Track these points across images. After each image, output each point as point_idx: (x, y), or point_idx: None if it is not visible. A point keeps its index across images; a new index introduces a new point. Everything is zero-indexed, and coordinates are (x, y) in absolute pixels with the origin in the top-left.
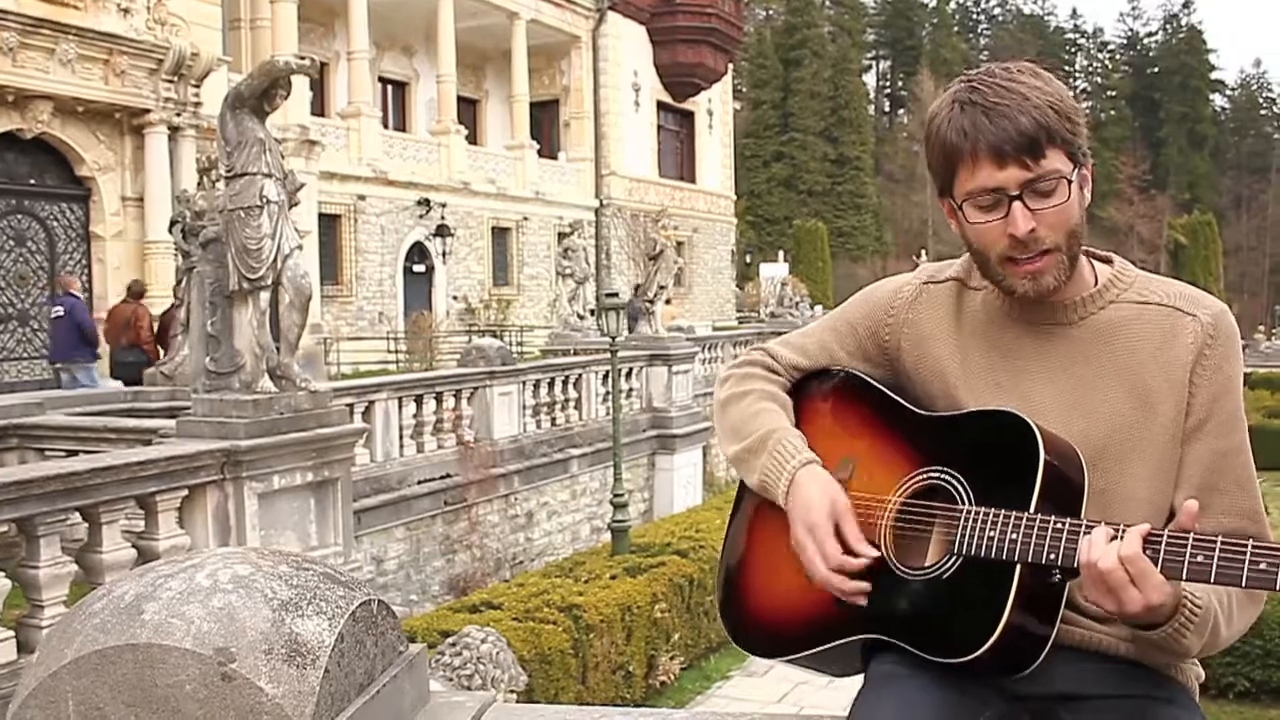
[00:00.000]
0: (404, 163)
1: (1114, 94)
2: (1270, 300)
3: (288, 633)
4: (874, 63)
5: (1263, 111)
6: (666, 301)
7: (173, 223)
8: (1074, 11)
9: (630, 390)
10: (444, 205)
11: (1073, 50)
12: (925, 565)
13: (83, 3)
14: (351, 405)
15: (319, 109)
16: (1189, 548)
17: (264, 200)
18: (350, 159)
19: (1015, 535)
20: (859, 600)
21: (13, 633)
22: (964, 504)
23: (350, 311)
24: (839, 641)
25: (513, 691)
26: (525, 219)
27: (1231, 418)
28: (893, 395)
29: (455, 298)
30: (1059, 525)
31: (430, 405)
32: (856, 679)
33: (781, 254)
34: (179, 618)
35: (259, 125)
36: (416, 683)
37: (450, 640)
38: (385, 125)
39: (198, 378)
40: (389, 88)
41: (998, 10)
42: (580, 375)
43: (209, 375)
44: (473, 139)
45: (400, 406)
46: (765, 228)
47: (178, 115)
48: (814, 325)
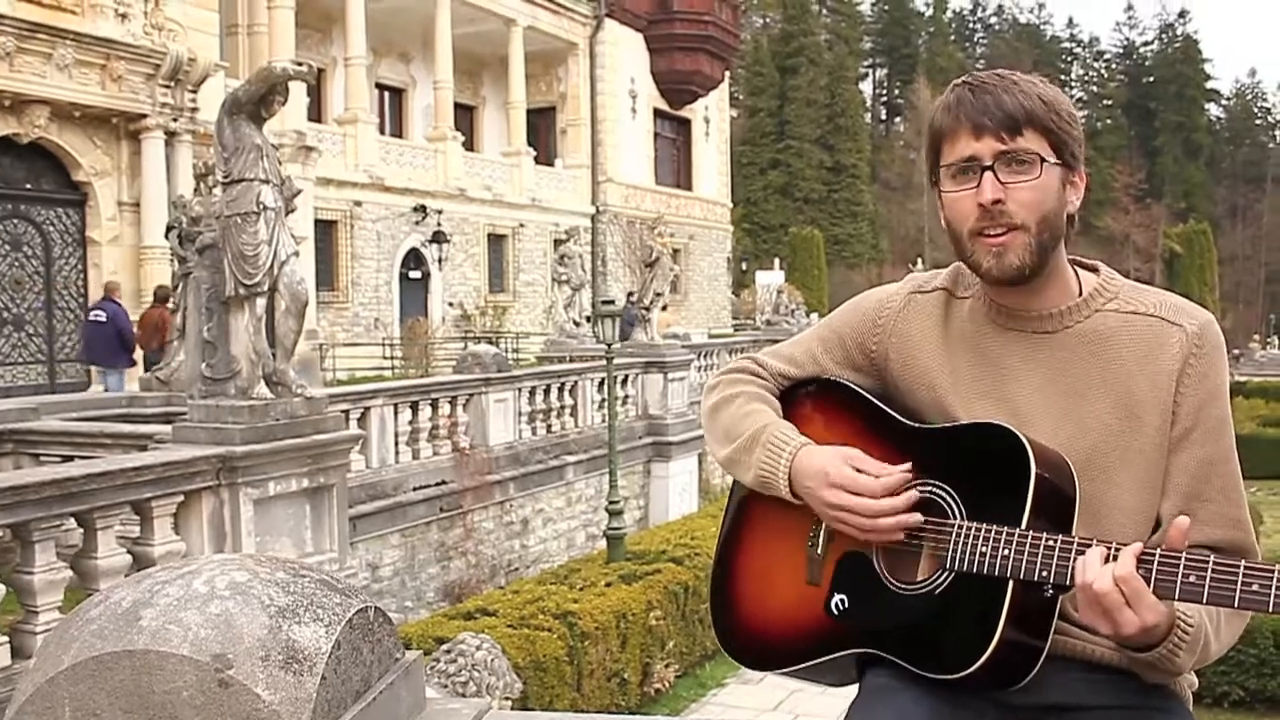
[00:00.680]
0: (400, 169)
1: (1110, 103)
2: (1265, 309)
3: (285, 639)
4: (870, 71)
5: (1258, 121)
6: (662, 308)
7: (169, 228)
8: (1070, 20)
9: (626, 397)
10: (440, 212)
11: (1069, 59)
12: (918, 580)
13: (80, 8)
14: (347, 411)
15: (316, 115)
16: (1181, 568)
17: (261, 206)
18: (347, 165)
19: (1007, 552)
20: (915, 517)
21: (7, 638)
22: (955, 518)
23: (346, 317)
24: (831, 656)
25: (508, 699)
26: (521, 225)
27: (1218, 427)
28: (881, 405)
29: (451, 304)
30: (1051, 542)
31: (426, 412)
32: (852, 687)
33: (777, 261)
34: (176, 624)
35: (256, 131)
36: (413, 690)
37: (445, 647)
38: (382, 131)
39: (194, 383)
40: (386, 94)
41: (994, 19)
42: (576, 382)
43: (205, 381)
44: (469, 145)
45: (396, 413)
46: (761, 235)
47: (174, 120)
48: (802, 335)
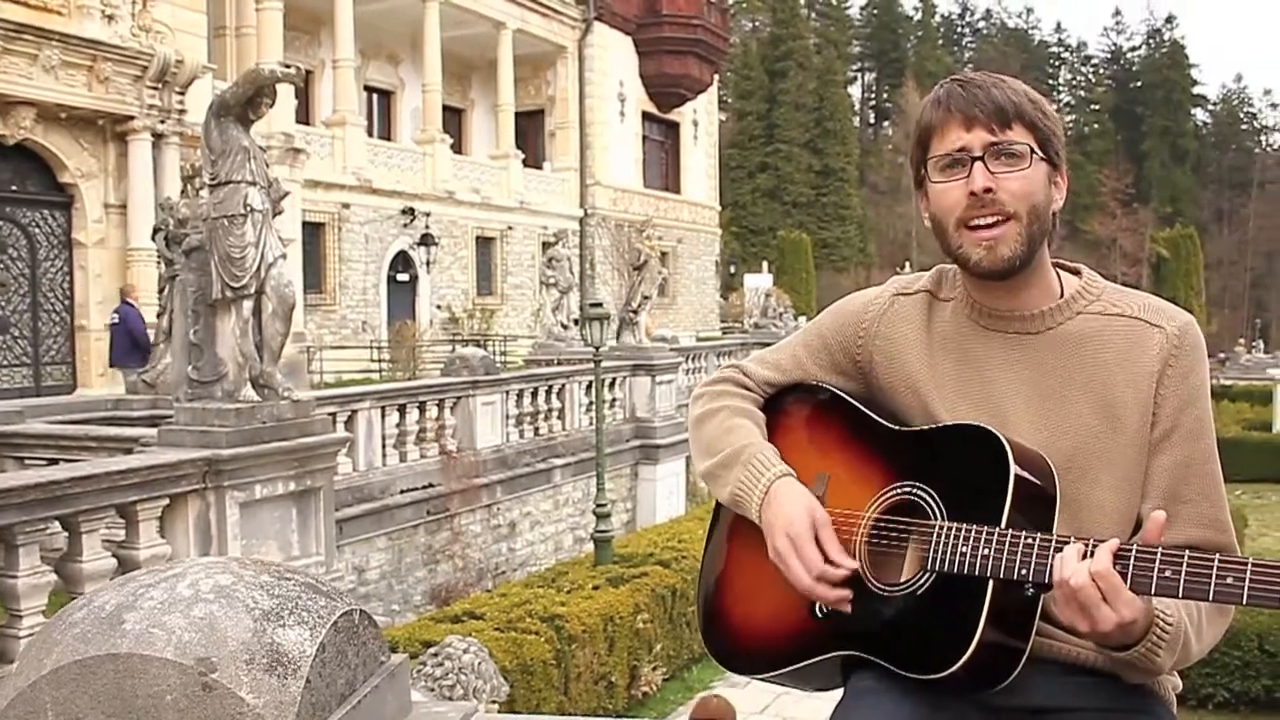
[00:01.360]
0: (389, 171)
1: (1097, 108)
2: (1250, 314)
3: (269, 643)
4: (859, 75)
5: (1243, 126)
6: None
7: (156, 230)
8: (1058, 25)
9: (614, 400)
10: (428, 214)
11: (1056, 64)
12: (900, 581)
13: (66, 9)
14: (334, 414)
15: (304, 117)
16: (1157, 562)
17: (248, 208)
18: (335, 167)
19: (987, 551)
20: (844, 608)
21: None
22: (937, 519)
23: (334, 320)
24: (816, 659)
25: (494, 702)
26: (510, 228)
27: (1197, 428)
28: (865, 410)
29: (439, 307)
30: (1030, 540)
31: (413, 415)
32: (837, 691)
33: (765, 265)
34: (160, 627)
35: (243, 133)
36: (398, 693)
37: (432, 650)
38: (370, 134)
39: (180, 386)
40: (374, 96)
41: (982, 24)
42: (564, 385)
43: (191, 384)
44: (458, 148)
45: (383, 416)
46: (749, 238)
47: (162, 122)
48: (787, 341)
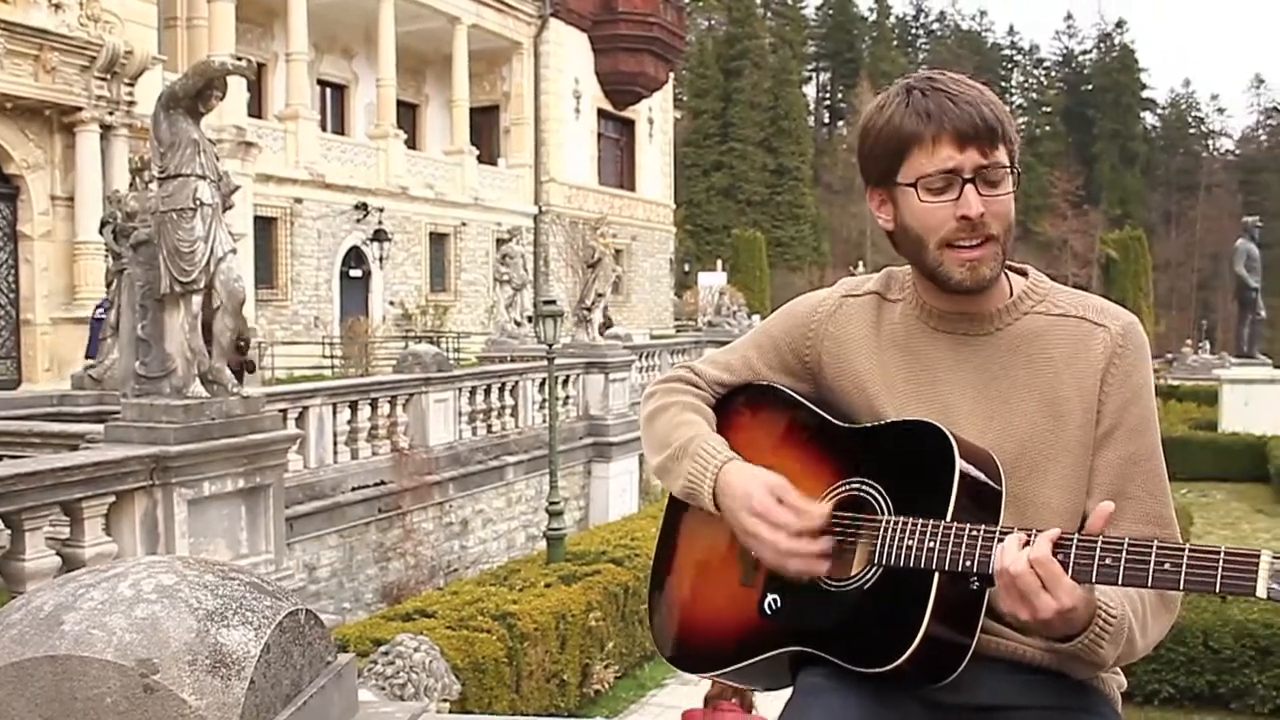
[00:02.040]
0: (342, 166)
1: (1049, 110)
2: (1198, 315)
3: (213, 643)
4: (814, 74)
5: (1191, 130)
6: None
7: (103, 223)
8: (1011, 28)
9: (567, 398)
10: (382, 210)
11: (1009, 66)
12: (848, 577)
13: None
14: (285, 411)
15: (256, 110)
16: (1098, 550)
17: (197, 202)
18: (287, 161)
19: (932, 544)
20: (823, 566)
21: None
22: (884, 514)
23: (285, 316)
24: (765, 655)
25: (446, 700)
26: (464, 225)
27: (1141, 425)
28: (814, 408)
29: (392, 303)
30: (974, 533)
31: (365, 411)
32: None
33: (720, 263)
34: (100, 628)
35: (193, 126)
36: (345, 693)
37: (383, 649)
38: (323, 128)
39: (127, 382)
40: (328, 90)
41: (936, 25)
42: (517, 382)
43: (139, 379)
44: (412, 144)
45: (335, 412)
46: (704, 237)
47: (110, 114)
48: (737, 342)
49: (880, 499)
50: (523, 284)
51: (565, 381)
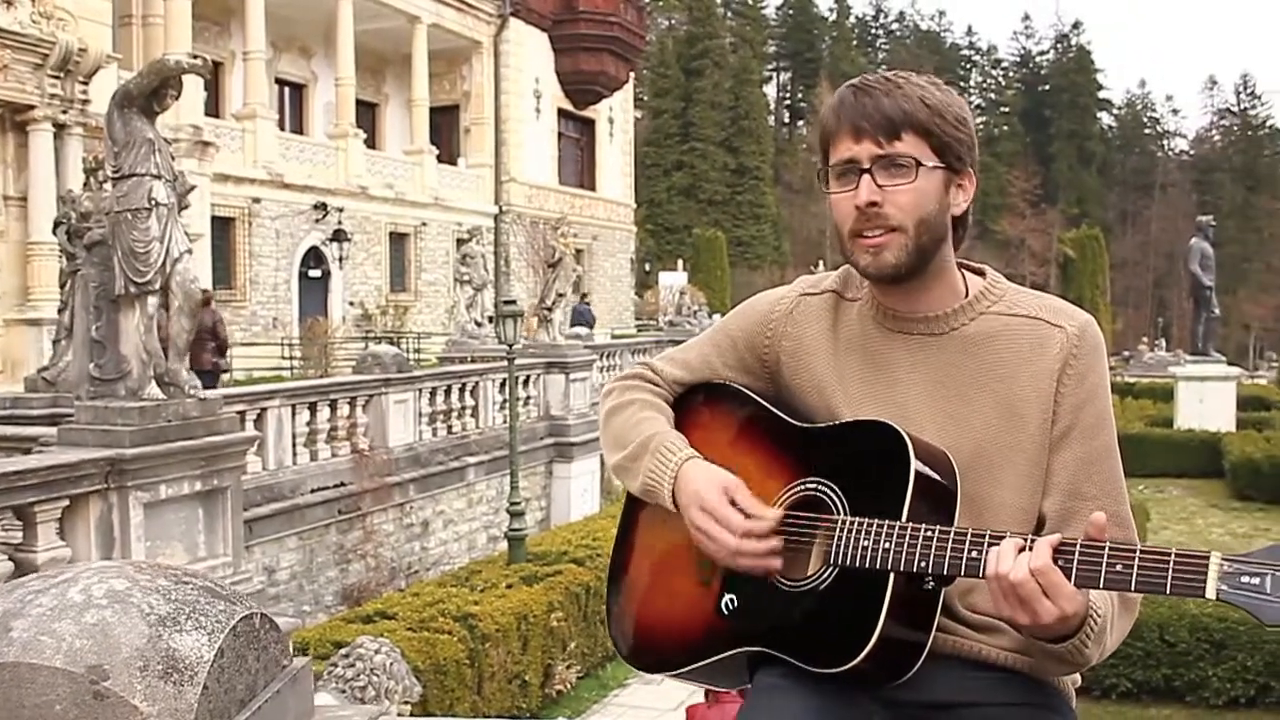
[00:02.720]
0: (300, 166)
1: (1007, 110)
2: (1154, 313)
3: (165, 649)
4: (774, 74)
5: (1147, 130)
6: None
7: (57, 224)
8: (969, 29)
9: (528, 398)
10: (341, 210)
11: (968, 67)
12: (805, 577)
13: None
14: (243, 412)
15: (213, 110)
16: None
17: (153, 202)
18: (245, 161)
19: (888, 545)
20: (774, 563)
21: None
22: (840, 514)
23: (244, 316)
24: (722, 655)
25: (407, 702)
26: (424, 225)
27: (1096, 425)
28: (771, 408)
29: (352, 303)
30: (929, 534)
31: (324, 413)
32: None
33: (681, 262)
34: (49, 635)
35: (148, 125)
36: (300, 697)
37: (344, 651)
38: (282, 127)
39: (81, 384)
40: (286, 89)
41: (896, 26)
42: (477, 383)
43: (93, 382)
44: (371, 143)
45: (294, 414)
46: (665, 236)
47: (64, 113)
48: (695, 340)
49: (836, 499)
50: (483, 284)
51: (526, 382)
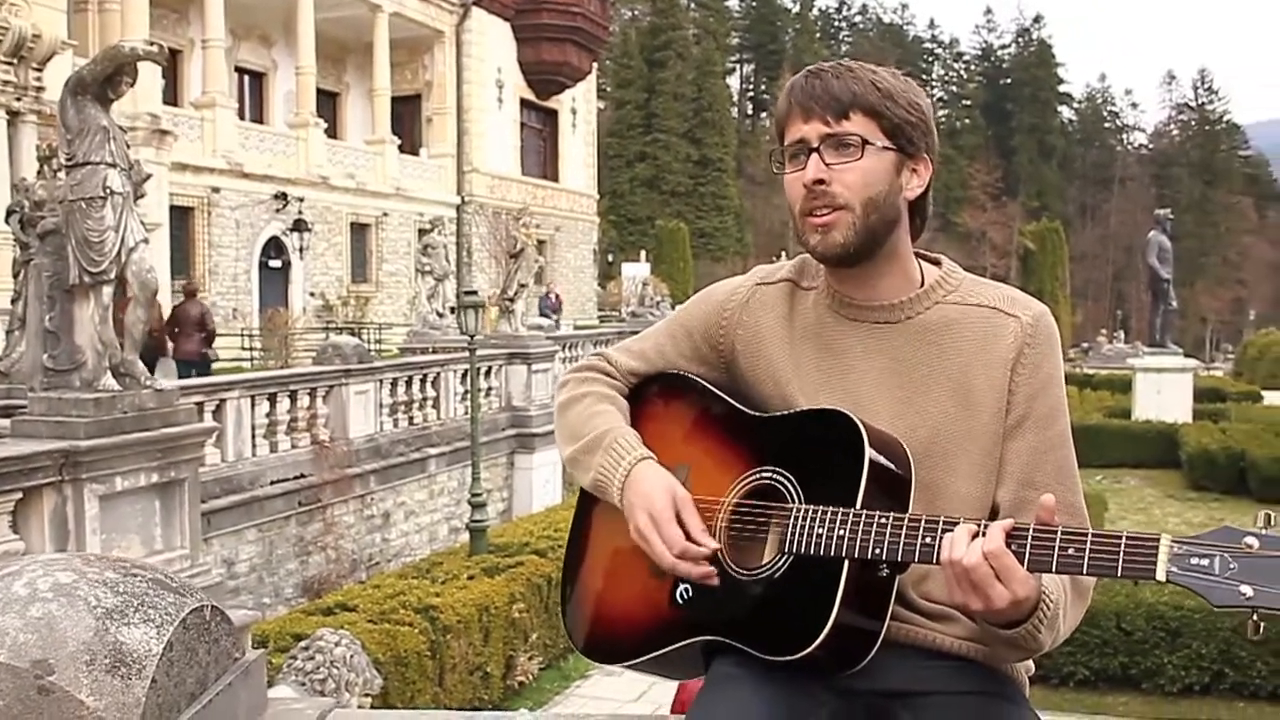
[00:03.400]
0: (260, 155)
1: (969, 103)
2: (1113, 305)
3: (112, 642)
4: (738, 66)
5: (1106, 125)
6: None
7: (9, 212)
8: (931, 22)
9: (489, 389)
10: (301, 200)
11: (930, 59)
12: (759, 565)
13: None
14: (201, 404)
15: (172, 98)
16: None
17: (107, 191)
18: (204, 150)
19: (842, 532)
20: (711, 582)
21: None
22: (794, 503)
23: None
24: (677, 645)
25: (368, 695)
26: (385, 215)
27: (1050, 414)
28: (726, 397)
29: (312, 294)
30: (883, 521)
31: (284, 404)
32: None
33: (643, 254)
34: None
35: (102, 113)
36: (253, 690)
37: (303, 644)
38: (242, 116)
39: (35, 375)
40: (246, 78)
41: (859, 18)
42: (438, 374)
43: (47, 373)
44: (332, 133)
45: (253, 405)
46: (627, 227)
47: (17, 100)
48: (652, 330)
49: (790, 487)
50: (445, 275)
51: (487, 372)
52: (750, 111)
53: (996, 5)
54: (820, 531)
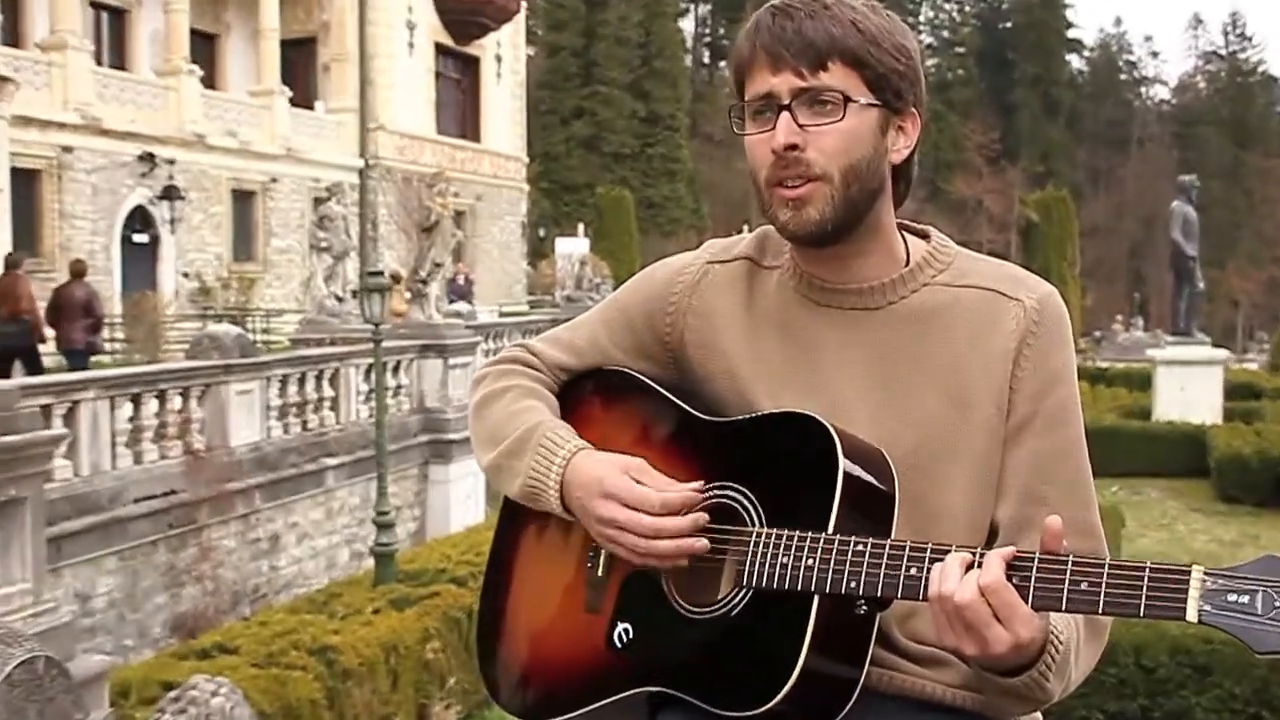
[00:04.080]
0: (122, 109)
1: (962, 51)
2: (1129, 286)
3: None
4: (692, 6)
5: (1122, 76)
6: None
7: None
8: None
9: (398, 387)
10: (172, 162)
11: (917, 0)
12: (713, 601)
13: None
14: (49, 406)
15: (13, 39)
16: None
17: None
18: (53, 102)
19: (811, 561)
20: (700, 543)
21: None
22: (755, 526)
23: (52, 289)
24: (615, 697)
25: None
26: (274, 181)
27: (1060, 416)
28: (673, 398)
29: (186, 275)
30: (860, 547)
31: (151, 406)
32: None
33: (581, 227)
34: None
35: None
36: None
37: (173, 695)
38: (99, 62)
39: None
40: (104, 15)
41: None
42: (338, 370)
43: None
44: (210, 82)
45: (113, 408)
46: (562, 196)
47: None
48: (584, 317)
49: (750, 508)
50: (345, 251)
51: (396, 368)
52: (707, 60)
53: None
54: (785, 561)
